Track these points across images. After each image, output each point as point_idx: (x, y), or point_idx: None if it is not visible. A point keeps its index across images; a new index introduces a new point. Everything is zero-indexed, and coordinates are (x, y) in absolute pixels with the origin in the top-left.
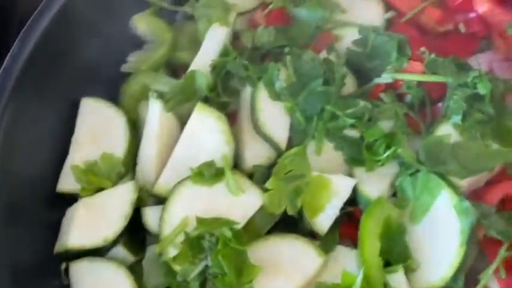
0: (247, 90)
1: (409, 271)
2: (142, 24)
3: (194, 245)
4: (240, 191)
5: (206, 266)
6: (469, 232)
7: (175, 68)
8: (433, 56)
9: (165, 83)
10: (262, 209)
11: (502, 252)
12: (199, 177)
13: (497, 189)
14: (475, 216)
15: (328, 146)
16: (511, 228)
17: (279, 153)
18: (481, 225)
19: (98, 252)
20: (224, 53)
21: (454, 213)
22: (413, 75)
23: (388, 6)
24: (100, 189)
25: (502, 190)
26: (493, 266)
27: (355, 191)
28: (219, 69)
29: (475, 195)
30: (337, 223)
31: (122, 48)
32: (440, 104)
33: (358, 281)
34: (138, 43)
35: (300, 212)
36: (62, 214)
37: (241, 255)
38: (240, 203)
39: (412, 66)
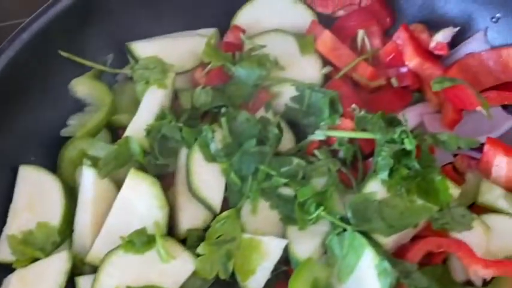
0: (183, 153)
1: None
2: (82, 87)
3: None
4: (170, 258)
5: None
6: None
7: (117, 129)
8: (362, 112)
9: (101, 148)
10: (194, 275)
11: None
12: (131, 246)
13: (420, 247)
14: (394, 277)
15: (264, 205)
16: (433, 284)
17: (214, 215)
18: (402, 284)
19: None
20: (161, 116)
21: (375, 272)
22: (343, 132)
23: (325, 62)
24: (36, 259)
25: (425, 247)
26: None
27: (287, 250)
28: (155, 133)
29: (399, 253)
30: (271, 282)
31: (63, 112)
32: (371, 159)
33: None
34: (78, 106)
35: (233, 275)
36: None
37: None
38: (171, 269)
39: (343, 124)
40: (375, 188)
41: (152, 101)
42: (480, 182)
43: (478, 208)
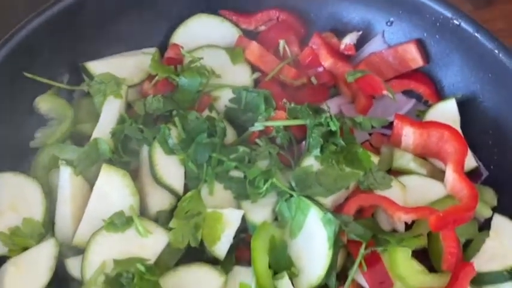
0: (144, 150)
1: (293, 277)
2: (44, 103)
3: (114, 282)
4: (147, 233)
5: None
6: (334, 237)
7: (79, 139)
8: (292, 104)
9: (72, 152)
10: (168, 245)
11: (362, 251)
12: (112, 226)
13: (353, 202)
14: (337, 224)
15: (219, 187)
16: (367, 232)
17: (178, 198)
18: (343, 231)
19: None
20: (121, 121)
21: (321, 224)
22: (279, 121)
23: (254, 69)
24: (25, 249)
25: (356, 202)
26: (357, 262)
27: (245, 220)
28: (118, 135)
29: (337, 209)
30: (233, 247)
31: (30, 126)
32: (303, 142)
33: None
34: (43, 121)
35: (201, 243)
36: None
37: (155, 285)
38: (149, 243)
39: (277, 115)
40: (311, 162)
41: (111, 110)
42: (393, 152)
43: (393, 172)
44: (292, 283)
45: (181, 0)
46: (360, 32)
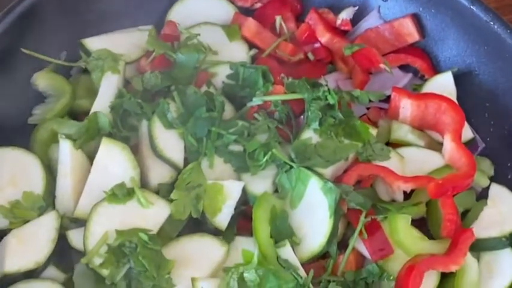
0: (144, 124)
1: (294, 245)
2: (42, 80)
3: (117, 252)
4: (149, 204)
5: (130, 268)
6: (335, 206)
7: (76, 115)
8: (290, 79)
9: (71, 126)
10: (170, 216)
11: (362, 219)
12: (113, 197)
13: (352, 172)
14: (338, 193)
15: (219, 160)
16: (367, 201)
17: (178, 171)
18: (343, 200)
19: (32, 275)
20: (120, 95)
21: (321, 193)
22: (277, 95)
23: (250, 45)
24: (26, 222)
25: (356, 172)
26: (357, 230)
27: (245, 192)
28: (117, 109)
29: (336, 180)
30: (234, 219)
31: (27, 102)
32: (302, 116)
33: (255, 256)
34: (40, 98)
35: (203, 215)
36: None
37: (158, 254)
38: (151, 214)
39: (276, 89)
40: (310, 135)
41: (109, 85)
42: (390, 124)
43: (392, 145)
44: (294, 252)
45: None
46: (356, 7)
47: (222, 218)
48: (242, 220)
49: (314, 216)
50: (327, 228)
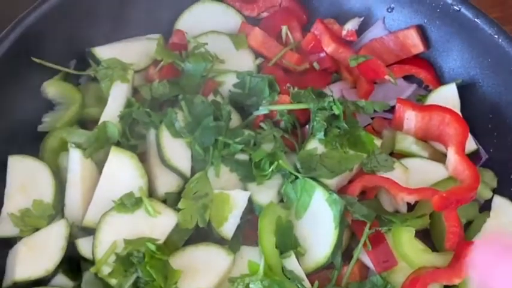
0: (151, 133)
1: (299, 256)
2: (52, 88)
3: (125, 261)
4: (157, 213)
5: (137, 277)
6: (340, 217)
7: (85, 123)
8: (296, 89)
9: (81, 135)
10: (177, 225)
11: (367, 230)
12: (122, 207)
13: (357, 183)
14: (342, 204)
15: (225, 169)
16: (371, 212)
17: (185, 180)
18: (348, 211)
19: (41, 283)
20: (128, 105)
21: (326, 205)
22: (283, 105)
23: (257, 54)
24: (36, 230)
25: (360, 183)
26: (362, 241)
27: (251, 201)
28: (127, 118)
29: (341, 190)
30: (240, 228)
31: (37, 111)
32: (307, 126)
33: (261, 267)
34: (49, 106)
35: (208, 224)
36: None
37: (165, 264)
38: (158, 223)
39: (281, 99)
40: (315, 145)
41: (119, 94)
42: (395, 135)
43: (395, 155)
44: (299, 263)
45: None
46: (362, 18)
47: (228, 228)
48: (248, 229)
49: (319, 227)
50: (332, 240)
